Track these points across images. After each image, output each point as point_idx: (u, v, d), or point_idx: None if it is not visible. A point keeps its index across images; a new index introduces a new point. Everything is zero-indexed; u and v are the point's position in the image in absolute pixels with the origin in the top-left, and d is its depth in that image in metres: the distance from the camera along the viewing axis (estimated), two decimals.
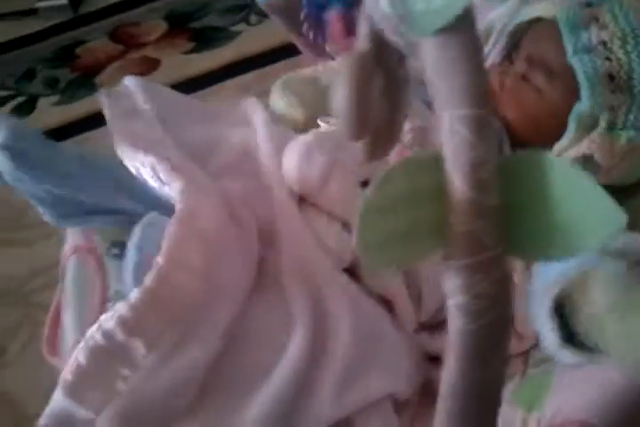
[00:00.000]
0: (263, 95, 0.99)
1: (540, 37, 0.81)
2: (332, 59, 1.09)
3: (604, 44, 0.75)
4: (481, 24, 0.99)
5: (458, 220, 0.38)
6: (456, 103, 0.36)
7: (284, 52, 1.61)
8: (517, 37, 0.86)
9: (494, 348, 0.42)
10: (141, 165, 0.75)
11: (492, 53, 0.89)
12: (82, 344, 0.63)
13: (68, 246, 0.87)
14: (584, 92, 0.75)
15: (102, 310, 0.76)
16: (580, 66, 0.75)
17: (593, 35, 0.75)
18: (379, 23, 0.41)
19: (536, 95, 0.80)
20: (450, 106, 0.36)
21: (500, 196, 0.39)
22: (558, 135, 0.79)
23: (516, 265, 0.71)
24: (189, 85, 1.77)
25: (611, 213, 0.36)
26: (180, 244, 0.67)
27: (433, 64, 0.37)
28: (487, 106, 0.37)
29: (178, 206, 0.69)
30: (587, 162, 0.77)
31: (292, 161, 0.76)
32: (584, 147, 0.76)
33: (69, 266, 0.84)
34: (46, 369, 0.80)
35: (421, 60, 0.37)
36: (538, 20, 0.83)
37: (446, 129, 0.37)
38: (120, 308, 0.64)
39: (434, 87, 0.37)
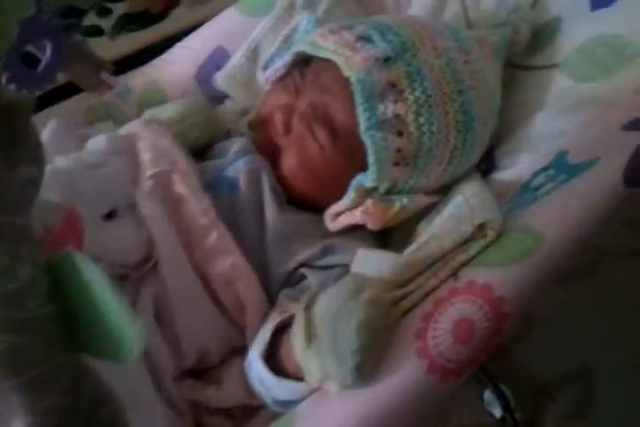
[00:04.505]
0: None
1: (330, 89, 0.74)
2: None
3: (397, 116, 0.71)
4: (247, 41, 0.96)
5: None
6: None
7: None
8: (302, 58, 0.79)
9: None
10: None
11: (276, 66, 0.82)
12: None
13: None
14: (371, 168, 0.72)
15: None
16: (371, 143, 0.71)
17: (388, 107, 0.70)
18: None
19: (318, 151, 0.75)
20: None
21: (60, 299, 0.36)
22: (337, 194, 0.75)
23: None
24: None
25: (129, 326, 0.32)
26: None
27: None
28: None
29: None
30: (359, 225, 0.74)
31: None
32: (358, 216, 0.73)
33: None
34: None
35: None
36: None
37: None
38: None
39: None
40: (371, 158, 0.71)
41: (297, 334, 0.59)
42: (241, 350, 0.71)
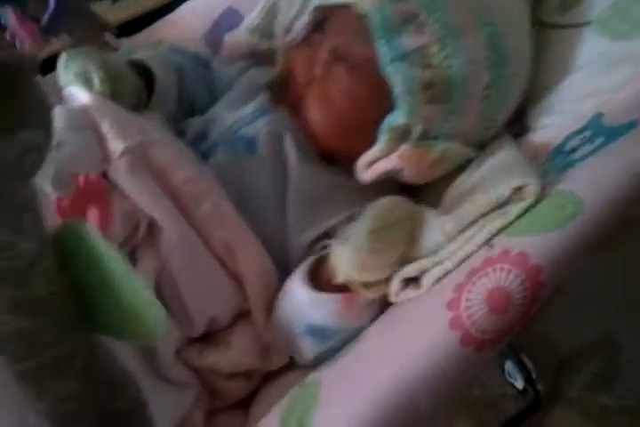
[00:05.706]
0: None
1: (346, 30, 0.73)
2: None
3: (420, 48, 0.67)
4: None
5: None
6: None
7: None
8: (321, 16, 0.77)
9: None
10: None
11: (296, 29, 0.80)
12: None
13: None
14: (400, 105, 0.68)
15: None
16: (396, 77, 0.67)
17: (410, 38, 0.67)
18: None
19: (340, 92, 0.72)
20: None
21: (72, 275, 0.32)
22: (368, 143, 0.71)
23: None
24: None
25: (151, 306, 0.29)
26: None
27: None
28: None
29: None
30: (397, 174, 0.71)
31: None
32: (394, 161, 0.69)
33: None
34: None
35: None
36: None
37: None
38: None
39: None
40: (397, 90, 0.68)
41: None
42: (248, 314, 0.69)
